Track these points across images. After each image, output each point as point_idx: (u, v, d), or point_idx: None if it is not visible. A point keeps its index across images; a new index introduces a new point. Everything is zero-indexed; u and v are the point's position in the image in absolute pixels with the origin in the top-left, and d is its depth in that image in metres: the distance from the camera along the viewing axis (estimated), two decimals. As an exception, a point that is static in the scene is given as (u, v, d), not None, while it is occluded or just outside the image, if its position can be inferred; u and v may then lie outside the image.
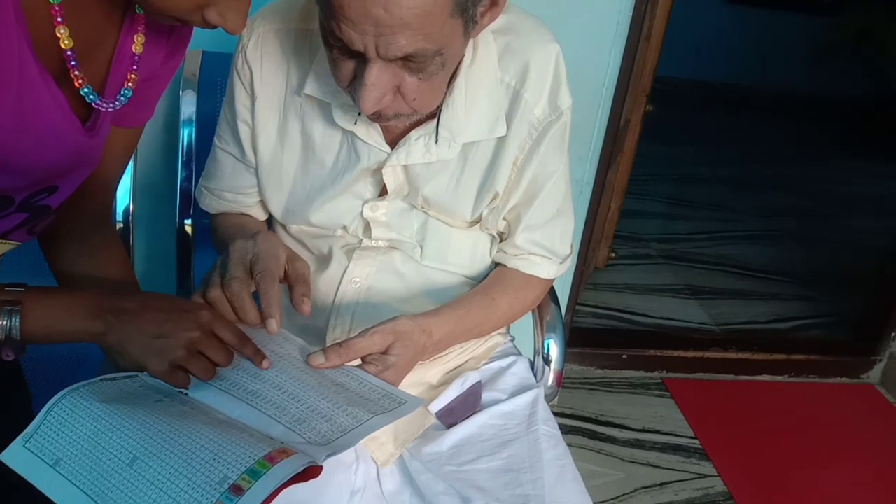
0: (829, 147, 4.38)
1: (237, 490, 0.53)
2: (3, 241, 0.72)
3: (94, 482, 0.57)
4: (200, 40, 1.26)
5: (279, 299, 0.70)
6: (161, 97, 0.82)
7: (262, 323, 0.69)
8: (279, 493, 0.54)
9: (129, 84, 0.72)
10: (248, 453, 0.56)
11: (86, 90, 0.67)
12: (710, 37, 4.51)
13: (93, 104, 0.69)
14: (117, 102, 0.71)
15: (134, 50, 0.71)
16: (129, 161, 0.85)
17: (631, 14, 1.45)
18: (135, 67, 0.72)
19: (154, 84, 0.78)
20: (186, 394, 0.67)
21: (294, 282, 0.73)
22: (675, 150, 3.89)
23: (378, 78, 0.67)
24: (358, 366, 0.74)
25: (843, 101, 4.57)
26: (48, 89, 0.63)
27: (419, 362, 0.81)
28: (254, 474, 0.54)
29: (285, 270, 0.74)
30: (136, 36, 0.71)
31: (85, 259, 0.80)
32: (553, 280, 0.95)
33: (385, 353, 0.74)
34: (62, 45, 0.63)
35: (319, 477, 0.74)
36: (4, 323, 0.63)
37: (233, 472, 0.54)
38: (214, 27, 0.63)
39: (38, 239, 0.81)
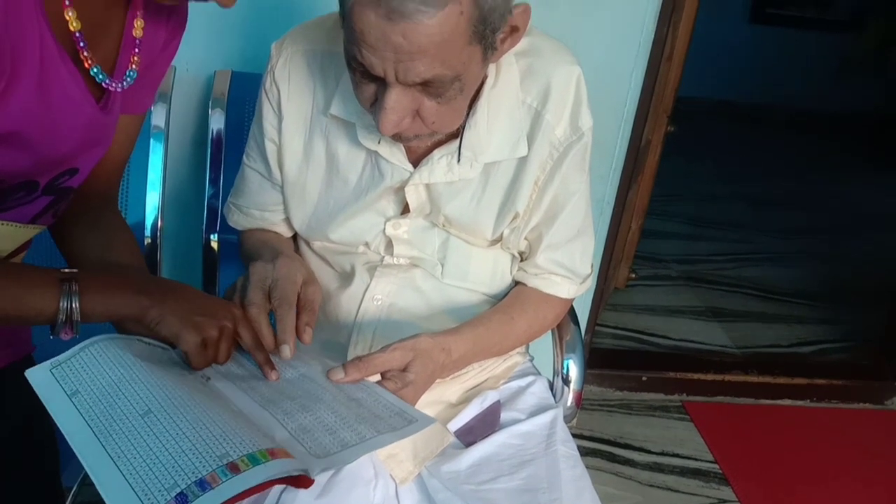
0: (852, 164, 4.32)
1: (234, 468, 0.54)
2: (34, 226, 0.75)
3: (102, 421, 0.58)
4: (230, 60, 1.30)
5: (294, 326, 0.74)
6: (161, 83, 0.86)
7: (276, 349, 0.73)
8: (267, 486, 0.56)
9: (133, 66, 0.75)
10: (253, 441, 0.58)
11: (95, 70, 0.70)
12: (732, 56, 4.50)
13: (102, 84, 0.72)
14: (124, 83, 0.74)
15: (134, 34, 0.75)
16: (132, 149, 0.88)
17: (653, 35, 1.46)
18: (136, 50, 0.75)
19: (154, 70, 0.82)
20: (208, 379, 0.70)
21: (301, 309, 0.76)
22: (695, 169, 3.87)
23: (397, 102, 0.69)
24: (377, 382, 0.74)
25: (864, 117, 4.52)
26: (65, 65, 0.66)
27: (438, 380, 0.82)
28: (253, 460, 0.55)
29: (298, 295, 0.76)
30: (135, 21, 0.74)
31: (94, 239, 0.82)
32: (573, 300, 0.95)
33: (404, 370, 0.75)
34: (71, 28, 0.66)
35: (338, 492, 0.76)
36: (65, 304, 0.65)
37: (235, 451, 0.56)
38: None
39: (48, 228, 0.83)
